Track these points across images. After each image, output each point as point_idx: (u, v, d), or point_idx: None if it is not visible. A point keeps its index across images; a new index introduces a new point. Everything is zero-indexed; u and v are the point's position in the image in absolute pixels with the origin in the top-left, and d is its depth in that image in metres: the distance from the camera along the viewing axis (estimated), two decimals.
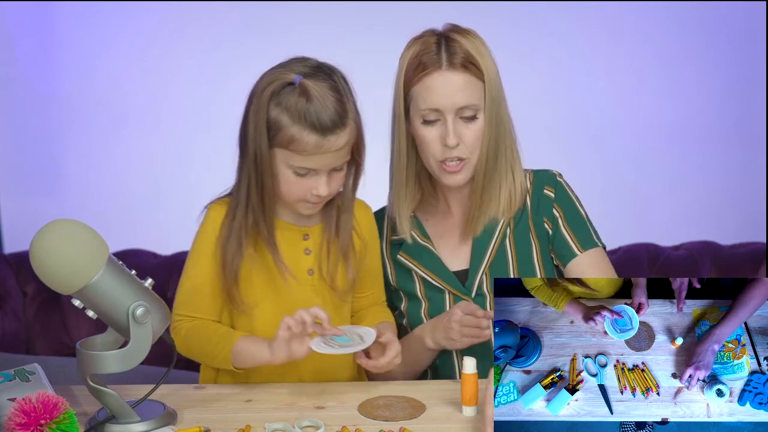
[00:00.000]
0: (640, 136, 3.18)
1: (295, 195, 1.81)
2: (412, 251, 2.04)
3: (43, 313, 2.59)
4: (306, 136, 1.74)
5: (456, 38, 1.93)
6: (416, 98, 1.93)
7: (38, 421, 1.54)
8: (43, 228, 1.59)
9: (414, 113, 1.94)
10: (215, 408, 1.78)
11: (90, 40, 3.07)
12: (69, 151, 3.14)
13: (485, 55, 1.93)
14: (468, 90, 1.91)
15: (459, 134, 1.91)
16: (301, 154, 1.75)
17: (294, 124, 1.74)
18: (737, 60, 3.15)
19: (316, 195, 1.79)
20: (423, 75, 1.91)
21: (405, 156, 1.98)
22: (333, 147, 1.75)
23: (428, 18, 2.65)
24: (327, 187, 1.79)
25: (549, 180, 2.04)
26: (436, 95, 1.90)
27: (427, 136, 1.93)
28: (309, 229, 1.89)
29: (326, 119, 1.74)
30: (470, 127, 1.93)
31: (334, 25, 3.01)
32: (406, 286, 2.05)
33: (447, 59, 1.90)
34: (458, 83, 1.90)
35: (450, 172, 1.95)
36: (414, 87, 1.93)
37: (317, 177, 1.78)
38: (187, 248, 2.72)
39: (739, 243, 2.81)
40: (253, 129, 1.77)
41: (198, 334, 1.86)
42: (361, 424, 1.69)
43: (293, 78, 1.75)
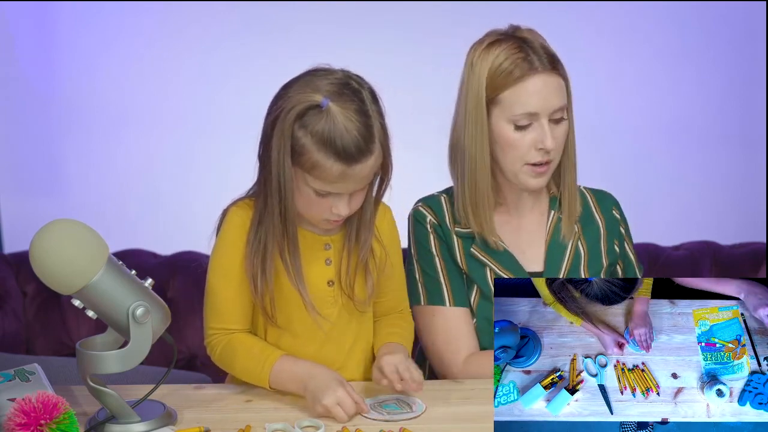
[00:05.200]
0: (640, 136, 3.18)
1: (315, 213, 1.77)
2: (487, 248, 1.99)
3: (43, 313, 2.59)
4: (331, 165, 1.68)
5: (532, 39, 1.92)
6: (507, 104, 1.89)
7: (38, 421, 1.54)
8: (43, 228, 1.59)
9: (500, 118, 1.91)
10: (215, 408, 1.78)
11: (90, 40, 3.07)
12: (69, 151, 3.13)
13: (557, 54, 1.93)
14: (560, 91, 1.91)
15: (553, 136, 1.90)
16: (324, 180, 1.70)
17: (319, 150, 1.67)
18: (737, 60, 3.15)
19: (336, 214, 1.75)
20: (517, 80, 1.88)
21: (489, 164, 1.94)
22: (358, 175, 1.71)
23: (428, 18, 2.65)
24: (348, 208, 1.75)
25: (614, 202, 2.11)
26: (534, 99, 1.88)
27: (519, 141, 1.90)
28: (330, 238, 1.85)
29: (352, 148, 1.67)
30: (560, 129, 1.92)
31: (334, 25, 3.01)
32: (478, 278, 1.99)
33: (539, 62, 1.89)
34: (554, 85, 1.89)
35: (538, 173, 1.93)
36: (503, 93, 1.89)
37: (338, 197, 1.74)
38: (187, 248, 2.74)
39: (739, 243, 2.81)
40: (276, 150, 1.71)
41: (234, 350, 1.82)
42: (361, 424, 1.69)
43: (320, 101, 1.68)
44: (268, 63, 3.00)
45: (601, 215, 2.07)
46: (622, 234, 2.09)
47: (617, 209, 2.10)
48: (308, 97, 1.69)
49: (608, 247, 2.05)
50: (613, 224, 2.07)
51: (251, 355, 1.81)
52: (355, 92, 1.71)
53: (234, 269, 1.82)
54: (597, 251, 2.03)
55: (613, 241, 2.06)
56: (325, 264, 1.85)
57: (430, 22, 2.91)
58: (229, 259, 1.82)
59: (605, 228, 2.06)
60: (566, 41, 3.09)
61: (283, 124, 1.69)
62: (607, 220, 2.07)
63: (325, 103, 1.68)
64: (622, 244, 2.08)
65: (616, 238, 2.07)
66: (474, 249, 1.99)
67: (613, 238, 2.06)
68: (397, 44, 2.95)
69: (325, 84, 1.70)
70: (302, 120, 1.68)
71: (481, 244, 1.99)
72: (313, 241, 1.84)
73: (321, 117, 1.67)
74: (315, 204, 1.75)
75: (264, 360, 1.80)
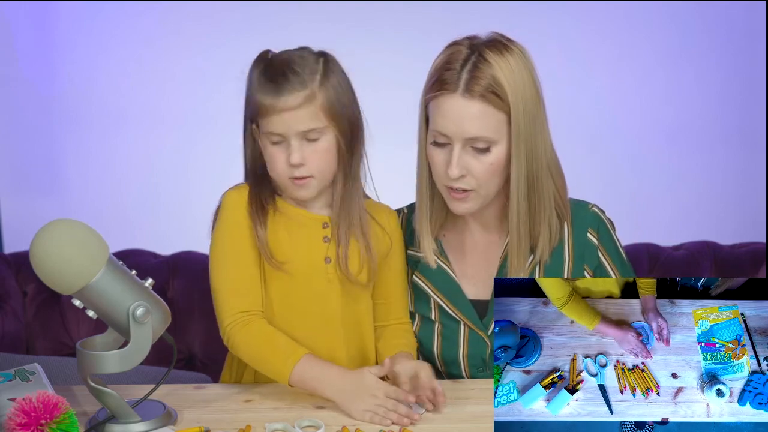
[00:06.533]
0: (640, 136, 3.18)
1: (279, 171, 1.80)
2: (429, 272, 1.92)
3: (43, 313, 2.59)
4: (262, 97, 1.76)
5: (488, 58, 1.74)
6: (430, 115, 1.79)
7: (38, 421, 1.54)
8: (43, 228, 1.59)
9: (429, 129, 1.81)
10: (215, 408, 1.78)
11: (90, 40, 3.07)
12: (69, 151, 3.13)
13: (517, 83, 1.74)
14: (483, 121, 1.73)
15: (466, 165, 1.76)
16: (264, 117, 1.77)
17: (257, 89, 1.78)
18: (737, 60, 3.15)
19: (292, 165, 1.77)
20: (438, 94, 1.76)
21: (427, 169, 1.84)
22: (288, 106, 1.75)
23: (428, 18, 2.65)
24: (299, 154, 1.77)
25: (591, 222, 1.89)
26: (445, 119, 1.75)
27: (434, 158, 1.80)
28: (327, 217, 1.87)
29: (279, 76, 1.76)
30: (482, 160, 1.76)
31: (334, 24, 3.00)
32: (420, 307, 1.94)
33: (465, 84, 1.73)
34: (471, 112, 1.73)
35: (455, 199, 1.81)
36: (430, 102, 1.79)
37: (289, 145, 1.78)
38: (187, 248, 2.74)
39: (739, 243, 2.81)
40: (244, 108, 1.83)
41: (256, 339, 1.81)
42: (361, 424, 1.69)
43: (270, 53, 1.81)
44: None
45: (571, 241, 1.88)
46: (600, 259, 1.89)
47: (594, 230, 1.89)
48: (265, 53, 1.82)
49: (573, 275, 1.88)
50: (585, 249, 1.88)
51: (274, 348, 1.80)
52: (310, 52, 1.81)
53: (242, 246, 1.82)
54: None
55: (582, 268, 1.89)
56: (323, 241, 1.86)
57: (430, 22, 2.91)
58: (236, 237, 1.83)
59: (572, 255, 1.88)
60: (566, 41, 3.11)
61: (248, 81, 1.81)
62: (577, 245, 1.88)
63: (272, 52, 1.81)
64: (602, 269, 1.90)
65: (588, 264, 1.89)
66: (416, 276, 1.94)
67: (583, 264, 1.89)
68: (397, 44, 2.95)
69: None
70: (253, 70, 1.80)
71: (423, 268, 1.92)
72: (309, 220, 1.85)
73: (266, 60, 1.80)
74: (274, 157, 1.79)
75: (286, 356, 1.78)
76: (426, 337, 1.95)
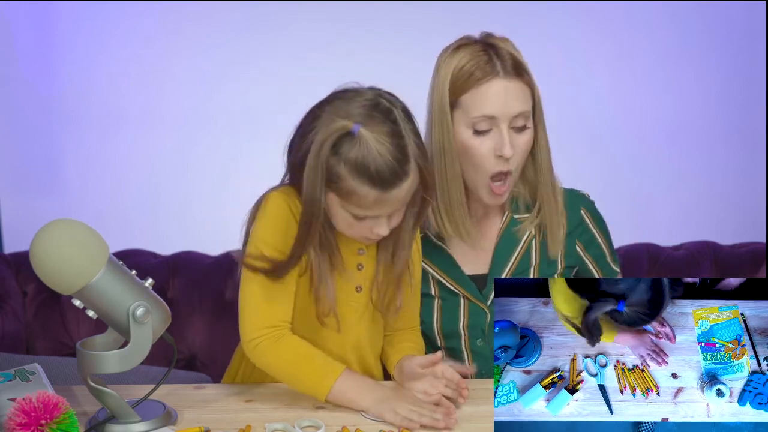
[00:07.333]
0: (640, 136, 3.18)
1: (354, 233, 1.76)
2: (427, 250, 1.98)
3: (43, 313, 2.59)
4: (366, 192, 1.66)
5: (500, 45, 1.89)
6: (466, 107, 1.88)
7: (38, 421, 1.54)
8: (43, 228, 1.59)
9: (461, 123, 1.89)
10: (215, 408, 1.78)
11: (90, 40, 3.07)
12: (69, 151, 3.13)
13: (525, 62, 1.90)
14: (522, 97, 1.87)
15: (513, 145, 1.87)
16: (361, 207, 1.69)
17: (354, 178, 1.66)
18: (737, 60, 3.15)
19: (376, 234, 1.74)
20: (477, 83, 1.86)
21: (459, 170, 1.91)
22: (395, 199, 1.69)
23: (428, 18, 2.65)
24: (387, 229, 1.74)
25: (586, 203, 2.04)
26: (492, 102, 1.86)
27: (478, 148, 1.88)
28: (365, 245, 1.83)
29: (386, 173, 1.65)
30: (521, 138, 1.89)
31: (334, 24, 3.00)
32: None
33: (502, 67, 1.86)
34: (515, 91, 1.87)
35: (497, 193, 1.91)
36: (464, 96, 1.88)
37: (377, 219, 1.72)
38: (187, 248, 2.74)
39: (739, 243, 2.81)
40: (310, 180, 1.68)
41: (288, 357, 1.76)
42: (361, 424, 1.69)
43: (352, 128, 1.65)
44: (268, 63, 3.00)
45: (566, 215, 2.01)
46: (592, 235, 2.04)
47: (587, 210, 2.04)
48: (340, 125, 1.66)
49: (567, 250, 2.01)
50: (577, 226, 2.02)
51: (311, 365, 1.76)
52: (386, 113, 1.68)
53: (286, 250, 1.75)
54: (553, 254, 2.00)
55: (574, 244, 2.02)
56: (357, 269, 1.84)
57: (430, 22, 2.91)
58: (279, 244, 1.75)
59: (567, 230, 2.01)
60: (566, 41, 3.11)
61: (318, 156, 1.67)
62: (571, 221, 2.01)
63: (356, 129, 1.65)
64: (592, 245, 2.04)
65: (579, 240, 2.03)
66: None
67: (575, 239, 2.02)
68: (397, 44, 2.95)
69: (355, 107, 1.68)
70: (335, 149, 1.66)
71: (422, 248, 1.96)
72: (346, 243, 1.81)
73: (354, 144, 1.65)
74: (354, 226, 1.74)
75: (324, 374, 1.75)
76: (426, 312, 2.00)
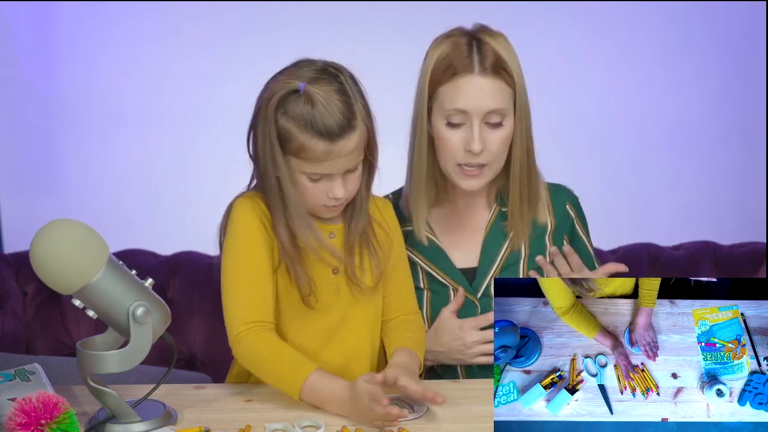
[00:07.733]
0: (640, 136, 3.18)
1: (313, 200, 1.79)
2: (417, 244, 2.01)
3: (43, 313, 2.59)
4: (315, 144, 1.72)
5: (487, 41, 1.90)
6: (442, 98, 1.90)
7: (38, 421, 1.54)
8: (43, 228, 1.59)
9: (437, 114, 1.92)
10: (215, 408, 1.78)
11: (90, 40, 3.07)
12: (69, 151, 3.13)
13: (515, 61, 1.90)
14: (498, 95, 1.88)
15: (484, 140, 1.89)
16: (312, 161, 1.74)
17: (302, 132, 1.72)
18: (737, 60, 3.15)
19: (333, 198, 1.78)
20: (453, 76, 1.88)
21: (425, 157, 1.95)
22: (343, 151, 1.74)
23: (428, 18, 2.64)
24: (343, 189, 1.78)
25: (571, 198, 2.07)
26: (465, 97, 1.88)
27: (450, 139, 1.91)
28: (335, 227, 1.87)
29: (333, 125, 1.71)
30: (496, 134, 1.90)
31: (334, 24, 3.01)
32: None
33: (479, 63, 1.87)
34: (489, 88, 1.87)
35: (469, 176, 1.93)
36: (441, 87, 1.90)
37: (332, 181, 1.77)
38: (187, 248, 2.74)
39: (739, 243, 2.81)
40: (262, 140, 1.76)
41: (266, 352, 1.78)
42: (361, 423, 1.69)
43: (298, 85, 1.73)
44: (268, 63, 2.99)
45: (552, 211, 2.04)
46: (577, 230, 2.06)
47: (572, 205, 2.07)
48: (286, 84, 1.74)
49: (555, 244, 2.01)
50: (563, 220, 2.04)
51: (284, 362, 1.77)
52: (333, 75, 1.76)
53: (257, 255, 1.80)
54: (540, 247, 2.02)
55: (561, 237, 2.04)
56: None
57: (430, 22, 2.90)
58: (250, 246, 1.81)
59: (554, 224, 2.03)
60: (566, 41, 3.11)
61: (266, 114, 1.75)
62: (558, 215, 2.04)
63: (302, 86, 1.73)
64: (576, 240, 2.05)
65: (566, 233, 2.05)
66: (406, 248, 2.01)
67: (562, 233, 2.04)
68: (397, 44, 2.95)
69: (304, 71, 1.76)
70: (284, 106, 1.74)
71: (411, 241, 2.01)
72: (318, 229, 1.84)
73: (300, 100, 1.73)
74: (311, 190, 1.78)
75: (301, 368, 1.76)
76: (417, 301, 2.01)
